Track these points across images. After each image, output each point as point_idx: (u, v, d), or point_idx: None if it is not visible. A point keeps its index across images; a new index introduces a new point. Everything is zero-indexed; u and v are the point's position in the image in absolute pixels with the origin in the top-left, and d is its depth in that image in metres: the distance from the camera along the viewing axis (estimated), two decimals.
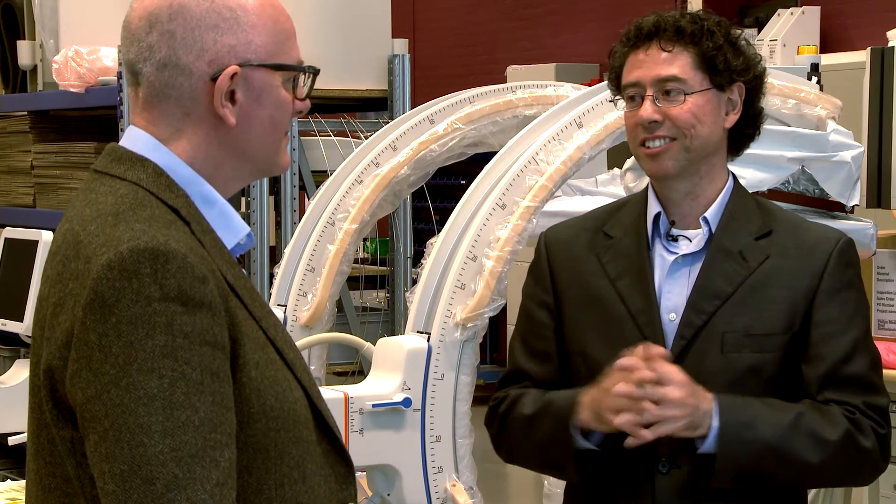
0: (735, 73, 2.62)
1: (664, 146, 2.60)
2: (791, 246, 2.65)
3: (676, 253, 2.65)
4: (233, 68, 1.95)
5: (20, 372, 4.35)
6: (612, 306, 2.65)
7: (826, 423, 2.57)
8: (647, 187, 2.71)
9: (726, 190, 2.68)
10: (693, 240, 2.65)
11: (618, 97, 2.70)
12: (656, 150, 2.60)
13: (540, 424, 2.66)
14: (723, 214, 2.65)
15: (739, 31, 2.67)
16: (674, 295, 2.63)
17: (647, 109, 2.60)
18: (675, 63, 2.60)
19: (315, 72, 2.05)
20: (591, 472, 2.64)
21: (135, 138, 1.99)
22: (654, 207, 2.67)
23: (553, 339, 2.73)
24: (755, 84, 2.67)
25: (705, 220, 2.65)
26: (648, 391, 2.49)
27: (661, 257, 2.66)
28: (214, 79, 1.95)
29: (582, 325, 2.68)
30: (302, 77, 2.03)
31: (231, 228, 2.00)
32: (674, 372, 2.50)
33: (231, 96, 1.97)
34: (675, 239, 2.66)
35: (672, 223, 2.66)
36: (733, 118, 2.66)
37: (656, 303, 2.62)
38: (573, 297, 2.71)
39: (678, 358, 2.58)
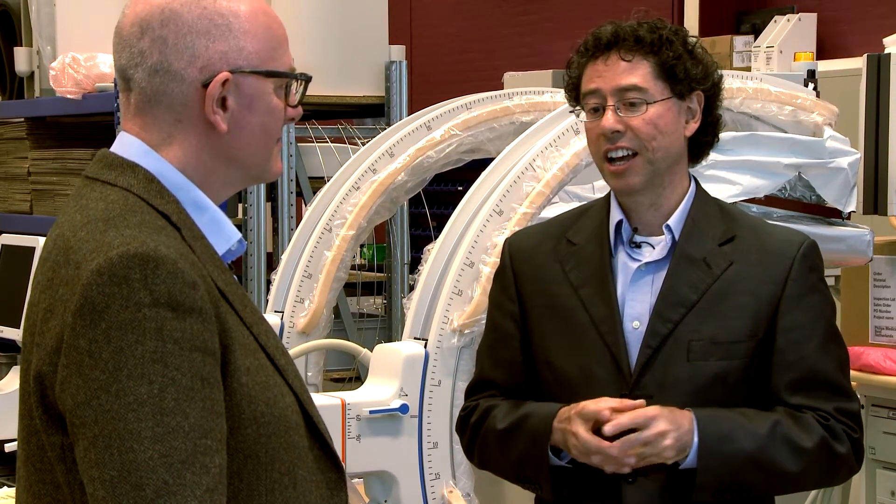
0: (694, 81, 2.62)
1: (628, 164, 2.59)
2: (754, 251, 2.64)
3: (640, 260, 2.65)
4: (224, 75, 1.95)
5: (16, 379, 4.35)
6: (575, 314, 2.65)
7: (801, 430, 2.57)
8: (609, 192, 2.71)
9: (688, 197, 2.67)
10: (656, 247, 2.64)
11: (577, 108, 2.69)
12: (621, 168, 2.60)
13: (514, 441, 2.66)
14: (686, 221, 2.65)
15: (695, 39, 2.67)
16: (637, 303, 2.63)
17: (610, 119, 2.59)
18: (635, 72, 2.59)
19: (307, 79, 2.05)
20: (564, 488, 2.65)
21: (126, 144, 1.99)
22: (616, 215, 2.67)
23: (518, 348, 2.73)
24: (713, 91, 2.67)
25: (668, 227, 2.64)
26: (638, 437, 2.50)
27: (625, 265, 2.65)
28: (206, 85, 1.95)
29: (546, 333, 2.68)
30: (294, 84, 2.03)
31: (222, 234, 1.99)
32: (649, 410, 2.51)
33: (222, 103, 1.96)
34: (638, 246, 2.65)
35: (635, 230, 2.66)
36: (693, 126, 2.65)
37: (618, 311, 2.62)
38: (537, 305, 2.71)
39: (643, 368, 2.58)
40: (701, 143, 2.69)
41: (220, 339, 1.86)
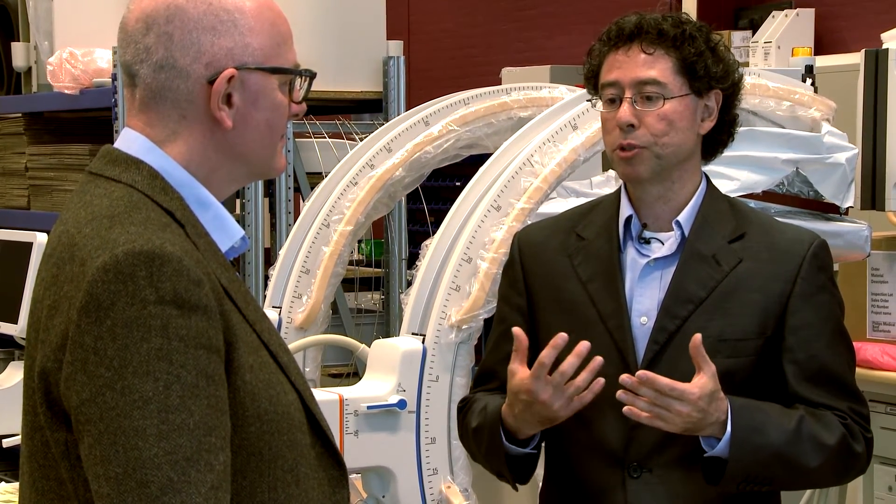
0: (714, 79, 2.61)
1: (636, 152, 2.58)
2: (764, 249, 2.63)
3: (648, 256, 2.64)
4: (230, 71, 1.95)
5: (14, 374, 4.35)
6: (583, 309, 2.64)
7: (823, 427, 2.57)
8: (620, 188, 2.70)
9: (699, 193, 2.66)
10: (665, 243, 2.64)
11: (595, 97, 2.68)
12: (629, 154, 2.59)
13: (482, 436, 2.67)
14: (696, 218, 2.64)
15: (718, 37, 2.65)
16: (645, 298, 2.62)
17: (625, 112, 2.58)
18: (655, 66, 2.58)
19: (311, 75, 2.05)
20: (527, 476, 2.66)
21: (130, 140, 1.98)
22: (625, 210, 2.66)
23: None
24: (732, 91, 2.66)
25: (678, 223, 2.63)
26: (663, 381, 2.45)
27: (633, 260, 2.64)
28: (211, 81, 1.95)
29: (554, 327, 2.66)
30: (298, 80, 2.03)
31: (226, 231, 1.99)
32: (691, 390, 2.46)
33: (228, 99, 1.96)
34: (647, 241, 2.65)
35: (644, 225, 2.65)
36: (708, 125, 2.64)
37: (626, 306, 2.61)
38: (546, 299, 2.70)
39: (650, 363, 2.57)
40: (716, 141, 2.68)
41: (224, 336, 1.86)
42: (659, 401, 2.45)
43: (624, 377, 2.47)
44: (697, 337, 2.48)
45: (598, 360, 2.48)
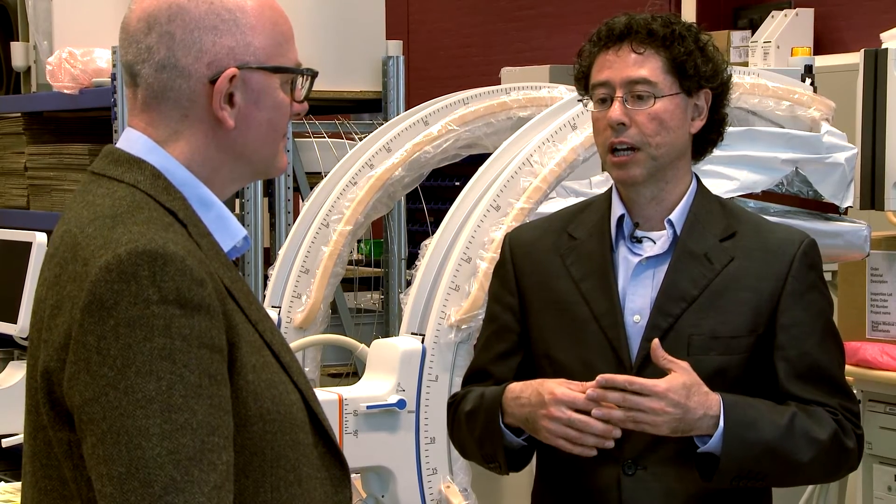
0: (703, 78, 2.62)
1: (630, 156, 2.60)
2: (755, 248, 2.65)
3: (641, 255, 2.65)
4: (231, 70, 1.95)
5: (14, 373, 4.35)
6: (576, 308, 2.65)
7: (815, 423, 2.59)
8: (611, 188, 2.71)
9: (690, 192, 2.68)
10: (657, 242, 2.65)
11: (585, 97, 2.69)
12: (623, 159, 2.60)
13: (476, 421, 2.68)
14: (687, 216, 2.65)
15: (707, 37, 2.67)
16: (638, 297, 2.63)
17: (616, 111, 2.59)
18: (645, 65, 2.60)
19: (313, 74, 2.05)
20: (521, 465, 2.68)
21: (132, 140, 1.98)
22: (617, 209, 2.67)
23: (515, 341, 2.73)
24: (721, 90, 2.68)
25: (670, 222, 2.65)
26: (630, 399, 2.48)
27: (626, 259, 2.66)
28: (213, 81, 1.95)
29: (547, 327, 2.68)
30: (300, 79, 2.03)
31: (228, 231, 1.99)
32: (655, 384, 2.49)
33: (229, 98, 1.96)
34: (639, 241, 2.66)
35: (636, 225, 2.67)
36: (699, 124, 2.65)
37: (620, 305, 2.62)
38: (538, 299, 2.71)
39: (644, 361, 2.58)
40: (705, 141, 2.70)
41: (226, 336, 1.86)
42: (628, 402, 2.48)
43: (589, 392, 2.49)
44: (655, 342, 2.52)
45: (608, 444, 2.50)
